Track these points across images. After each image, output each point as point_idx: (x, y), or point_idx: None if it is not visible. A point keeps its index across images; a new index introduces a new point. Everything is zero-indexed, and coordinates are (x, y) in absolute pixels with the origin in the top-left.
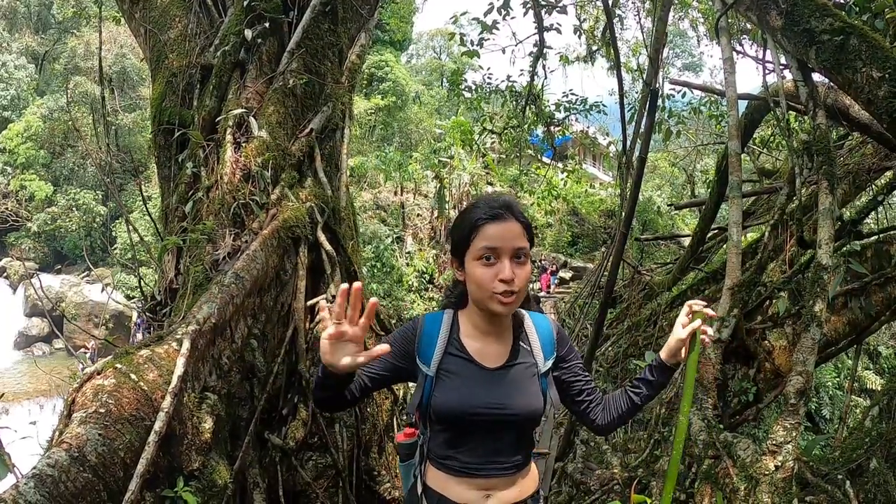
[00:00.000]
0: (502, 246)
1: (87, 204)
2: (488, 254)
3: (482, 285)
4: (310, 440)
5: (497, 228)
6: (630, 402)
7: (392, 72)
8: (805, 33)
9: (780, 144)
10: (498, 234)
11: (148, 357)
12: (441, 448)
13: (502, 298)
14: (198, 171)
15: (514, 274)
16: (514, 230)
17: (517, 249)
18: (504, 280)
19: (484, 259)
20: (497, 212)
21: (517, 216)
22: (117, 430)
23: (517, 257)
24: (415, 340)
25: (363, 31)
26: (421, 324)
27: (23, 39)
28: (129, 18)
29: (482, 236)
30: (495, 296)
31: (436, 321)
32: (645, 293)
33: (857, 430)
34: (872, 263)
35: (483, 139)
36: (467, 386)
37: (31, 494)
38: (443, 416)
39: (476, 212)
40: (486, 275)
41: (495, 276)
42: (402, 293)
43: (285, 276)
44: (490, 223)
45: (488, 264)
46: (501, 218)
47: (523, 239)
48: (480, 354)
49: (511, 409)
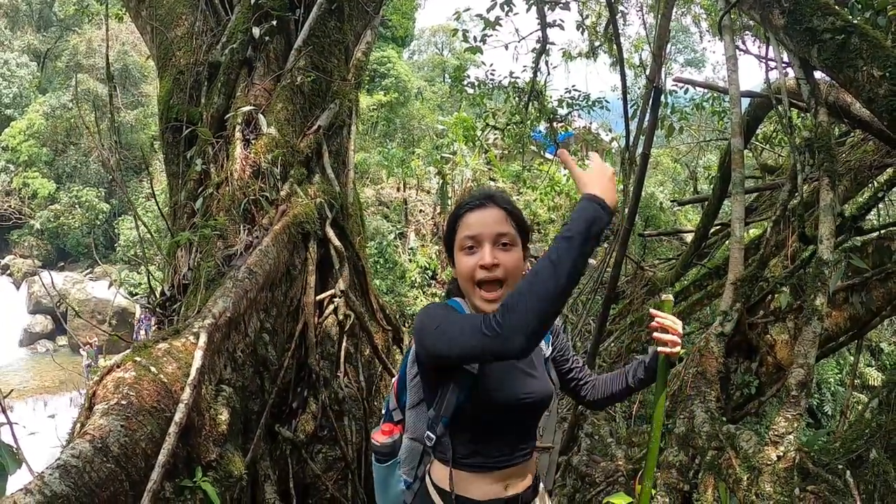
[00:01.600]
0: (482, 232)
1: (90, 201)
2: (469, 243)
3: (464, 274)
4: (319, 433)
5: (477, 216)
6: (626, 384)
7: (394, 68)
8: (807, 32)
9: (783, 141)
10: (478, 221)
11: (166, 350)
12: (464, 447)
13: (485, 293)
14: (207, 167)
15: (497, 259)
16: (495, 215)
17: (499, 235)
18: (484, 266)
19: (466, 249)
20: (477, 201)
21: (499, 203)
22: (139, 421)
23: (501, 243)
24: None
25: (369, 28)
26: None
27: (25, 37)
28: (136, 16)
29: (463, 226)
30: (478, 290)
31: (461, 311)
32: (648, 289)
33: (858, 421)
34: (873, 259)
35: (485, 135)
36: (507, 378)
37: (57, 484)
38: (487, 412)
39: (459, 205)
40: (468, 264)
41: (476, 264)
42: (404, 289)
43: (295, 272)
44: (470, 212)
45: (470, 253)
46: (482, 206)
47: (505, 224)
48: None
49: (537, 395)
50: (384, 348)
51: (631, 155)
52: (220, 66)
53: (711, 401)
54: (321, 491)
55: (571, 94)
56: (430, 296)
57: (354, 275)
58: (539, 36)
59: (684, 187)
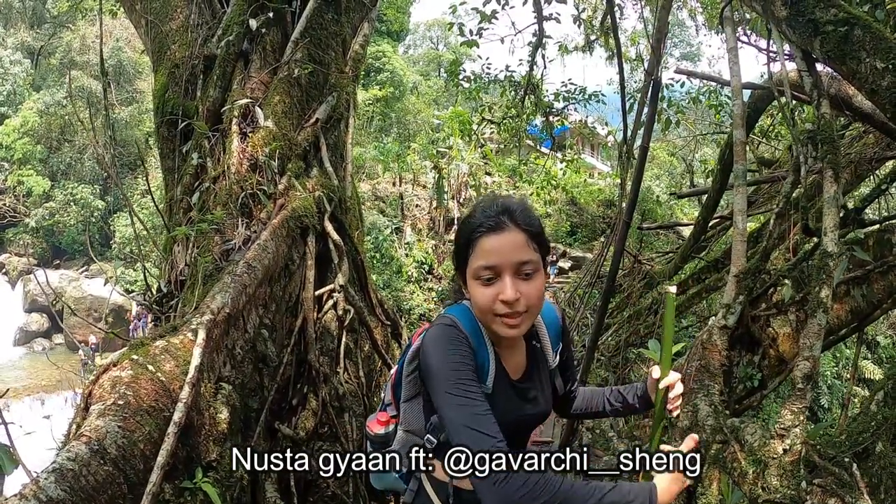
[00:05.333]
0: (501, 262)
1: (85, 198)
2: (487, 274)
3: (482, 307)
4: (320, 430)
5: (494, 242)
6: (602, 408)
7: (389, 62)
8: (809, 23)
9: (780, 134)
10: (495, 249)
11: (164, 348)
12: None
13: (507, 321)
14: (203, 161)
15: (519, 292)
16: (515, 241)
17: (520, 264)
18: (505, 301)
19: (484, 280)
20: (493, 221)
21: (519, 223)
22: (136, 421)
23: (522, 273)
24: (472, 354)
25: (366, 20)
26: (462, 329)
27: (18, 34)
28: (130, 10)
29: (478, 253)
30: (498, 318)
31: (474, 325)
32: (645, 282)
33: (863, 413)
34: (874, 252)
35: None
36: (509, 402)
37: (53, 489)
38: None
39: (472, 222)
40: (486, 296)
41: (496, 297)
42: (401, 284)
43: (293, 266)
44: (486, 236)
45: (488, 284)
46: (499, 228)
47: (527, 250)
48: (508, 365)
49: (534, 415)
50: (383, 343)
51: (629, 148)
52: (216, 59)
53: (715, 394)
54: (322, 489)
55: (568, 87)
56: (427, 290)
57: (353, 269)
58: (535, 29)
59: (680, 180)
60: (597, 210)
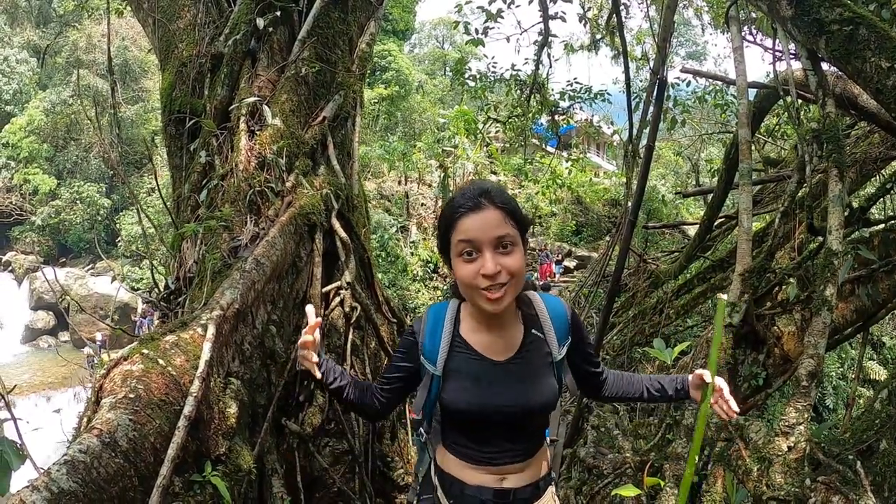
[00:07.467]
0: (480, 237)
1: (91, 197)
2: (467, 248)
3: (465, 282)
4: (327, 426)
5: (472, 220)
6: (641, 395)
7: (395, 61)
8: (815, 23)
9: (786, 133)
10: (474, 226)
11: (174, 342)
12: (456, 436)
13: (488, 294)
14: (211, 159)
15: (499, 265)
16: (493, 218)
17: (498, 238)
18: (486, 274)
19: (465, 255)
20: (472, 202)
21: (496, 202)
22: (147, 415)
23: (501, 246)
24: (418, 340)
25: (372, 19)
26: (424, 320)
27: (24, 33)
28: (137, 9)
29: (458, 231)
30: (481, 292)
31: (439, 315)
32: (651, 281)
33: (867, 412)
34: (879, 251)
35: (487, 128)
36: (478, 386)
37: (64, 481)
38: (454, 416)
39: (452, 205)
40: (468, 271)
41: (477, 272)
42: (406, 282)
43: (301, 263)
44: (465, 216)
45: (469, 260)
46: (477, 208)
47: (505, 225)
48: (487, 348)
49: (526, 406)
50: (389, 341)
51: (634, 147)
52: (224, 58)
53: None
54: (328, 484)
55: (573, 86)
56: (432, 289)
57: (360, 267)
58: (541, 28)
59: (686, 180)
60: (602, 209)
